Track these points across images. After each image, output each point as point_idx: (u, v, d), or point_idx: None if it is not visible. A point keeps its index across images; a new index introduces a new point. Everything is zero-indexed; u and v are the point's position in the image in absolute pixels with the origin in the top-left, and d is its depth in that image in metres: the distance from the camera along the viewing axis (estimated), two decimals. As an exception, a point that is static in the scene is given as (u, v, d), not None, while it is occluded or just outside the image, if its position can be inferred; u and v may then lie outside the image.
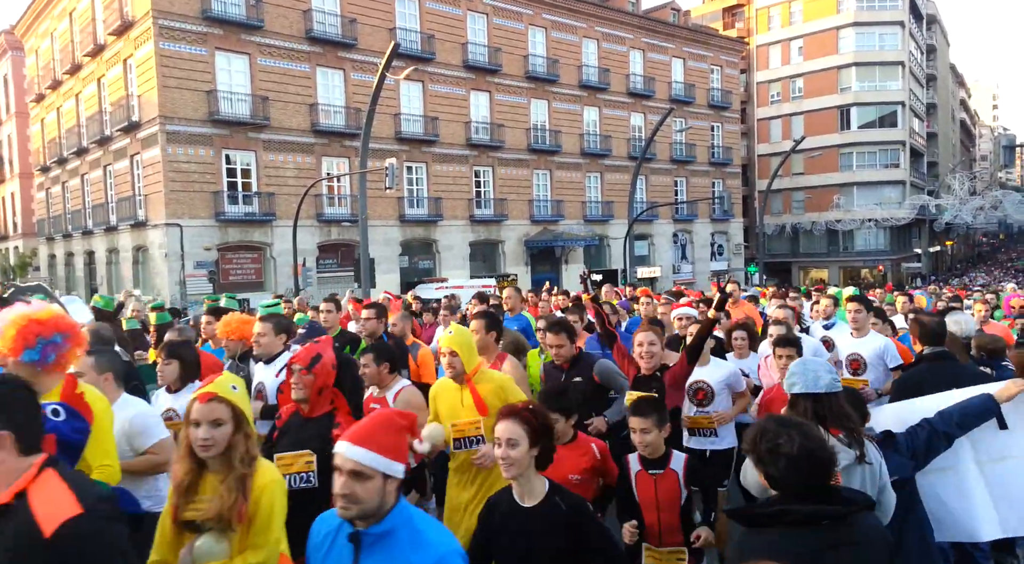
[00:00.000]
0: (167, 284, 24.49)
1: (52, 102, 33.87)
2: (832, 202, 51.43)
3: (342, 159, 28.62)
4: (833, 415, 2.91)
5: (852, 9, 50.92)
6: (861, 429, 2.96)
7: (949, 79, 77.04)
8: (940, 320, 4.33)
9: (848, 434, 2.90)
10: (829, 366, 3.09)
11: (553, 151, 35.70)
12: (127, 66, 26.63)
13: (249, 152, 26.43)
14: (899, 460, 3.19)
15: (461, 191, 32.43)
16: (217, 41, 25.48)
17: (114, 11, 26.60)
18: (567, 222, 36.12)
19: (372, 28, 29.12)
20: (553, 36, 35.81)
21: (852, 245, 52.92)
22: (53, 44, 33.00)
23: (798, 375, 3.00)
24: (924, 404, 3.58)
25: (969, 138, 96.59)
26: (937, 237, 62.08)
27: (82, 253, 32.62)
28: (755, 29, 54.90)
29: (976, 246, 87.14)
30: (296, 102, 27.29)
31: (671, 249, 42.32)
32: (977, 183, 67.34)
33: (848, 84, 51.39)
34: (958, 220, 56.95)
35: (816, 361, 3.11)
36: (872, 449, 2.93)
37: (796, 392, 2.99)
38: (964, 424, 3.36)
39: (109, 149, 28.61)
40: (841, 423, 2.91)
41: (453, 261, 31.76)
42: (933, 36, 65.31)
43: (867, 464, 2.87)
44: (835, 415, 2.91)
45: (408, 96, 30.40)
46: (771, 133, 54.19)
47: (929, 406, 3.51)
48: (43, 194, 36.85)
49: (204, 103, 25.14)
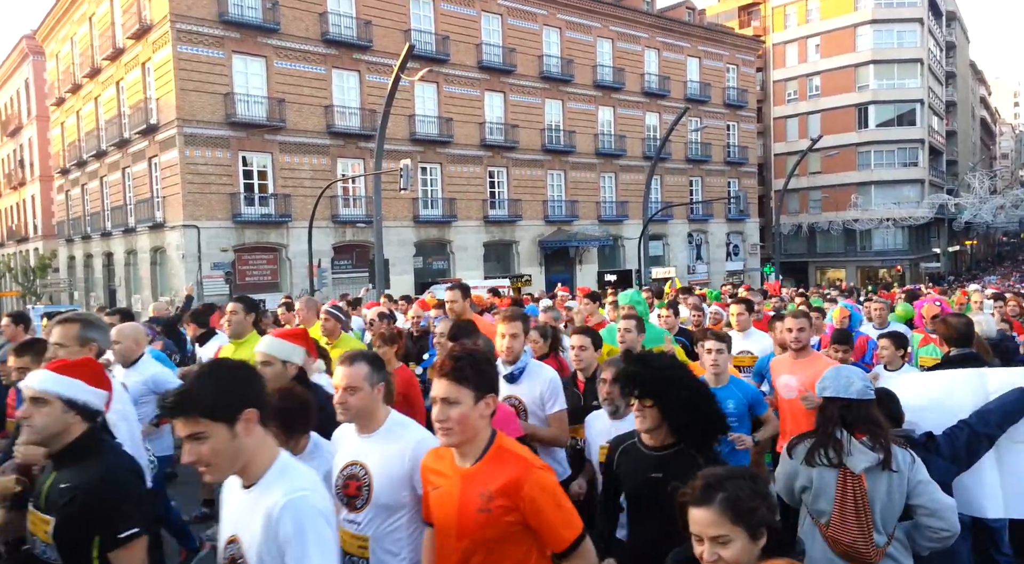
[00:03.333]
0: (184, 286, 24.72)
1: (72, 106, 34.30)
2: (850, 201, 50.95)
3: (357, 160, 28.75)
4: (861, 420, 2.92)
5: (870, 6, 50.42)
6: (887, 434, 2.92)
7: (969, 76, 76.06)
8: (967, 321, 4.29)
9: (872, 438, 2.89)
10: (863, 374, 3.07)
11: (567, 151, 35.65)
12: (145, 69, 26.91)
13: (265, 154, 26.63)
14: (943, 464, 3.16)
15: (475, 192, 32.46)
16: (234, 44, 25.69)
17: (132, 15, 26.90)
18: (581, 222, 36.05)
19: (387, 30, 29.22)
20: (567, 36, 35.76)
21: (870, 245, 52.38)
22: (73, 49, 33.41)
23: (830, 379, 3.01)
24: (950, 380, 3.59)
25: (989, 136, 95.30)
26: (957, 237, 61.33)
27: (101, 255, 33.00)
28: (771, 27, 54.51)
29: (997, 246, 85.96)
30: (312, 104, 27.44)
31: (686, 249, 42.10)
32: (998, 181, 66.34)
33: (866, 82, 50.90)
34: (978, 219, 56.18)
35: (851, 368, 3.10)
36: (902, 455, 2.90)
37: (827, 396, 2.99)
38: (1004, 423, 3.32)
39: (127, 152, 28.92)
40: (867, 428, 2.91)
41: (467, 262, 31.80)
42: (952, 33, 64.48)
43: (892, 472, 2.84)
44: (863, 420, 2.92)
45: (423, 97, 30.48)
46: (788, 132, 53.79)
47: (958, 384, 3.51)
48: (63, 196, 37.31)
49: (221, 106, 25.35)
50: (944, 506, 2.87)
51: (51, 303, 32.23)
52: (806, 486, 3.01)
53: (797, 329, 4.84)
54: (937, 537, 2.88)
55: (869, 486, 2.85)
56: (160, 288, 27.29)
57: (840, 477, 2.89)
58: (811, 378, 4.26)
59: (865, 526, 2.82)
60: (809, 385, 4.33)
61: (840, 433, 2.92)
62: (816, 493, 2.97)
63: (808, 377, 4.50)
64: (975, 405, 3.39)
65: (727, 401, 4.29)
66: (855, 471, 2.85)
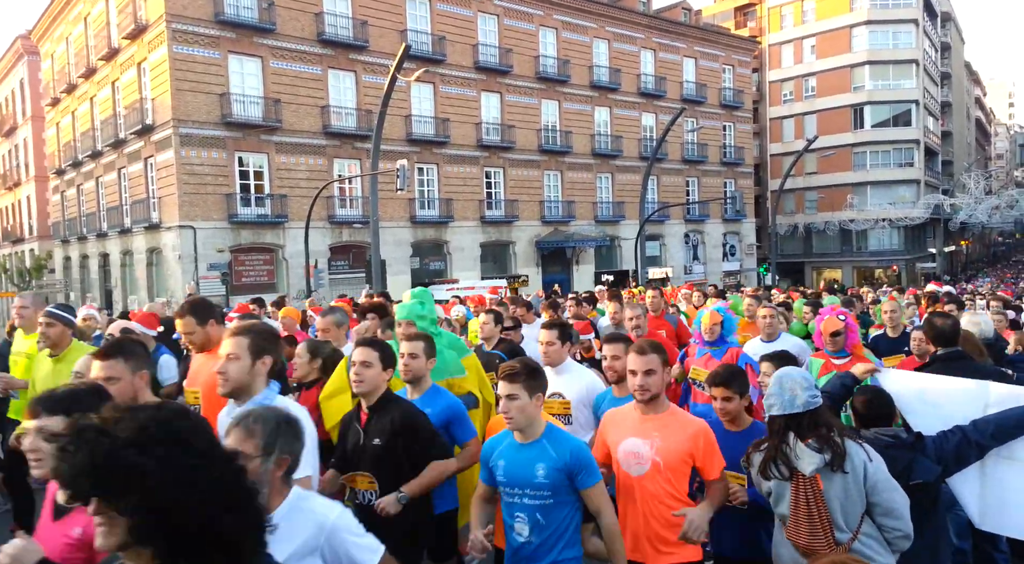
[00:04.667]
0: (180, 286, 24.67)
1: (67, 106, 34.21)
2: (845, 202, 51.04)
3: (353, 161, 28.73)
4: (808, 429, 2.91)
5: (865, 7, 50.53)
6: (840, 435, 2.91)
7: (964, 77, 76.31)
8: (953, 321, 4.30)
9: (818, 439, 2.89)
10: (807, 380, 2.99)
11: (564, 152, 35.66)
12: (141, 70, 26.86)
13: (261, 154, 26.59)
14: (927, 464, 3.16)
15: (472, 192, 32.46)
16: (230, 44, 25.65)
17: (128, 15, 26.84)
18: (578, 223, 36.07)
19: (383, 30, 29.21)
20: (564, 37, 35.79)
21: (866, 245, 52.51)
22: (68, 49, 33.32)
23: (775, 395, 2.97)
24: (952, 387, 3.56)
25: (984, 136, 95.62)
26: (952, 237, 61.49)
27: (97, 255, 32.91)
28: (767, 28, 54.60)
29: (992, 246, 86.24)
30: (308, 104, 27.42)
31: (683, 249, 42.16)
32: (993, 182, 66.63)
33: (861, 83, 51.00)
34: (973, 219, 56.35)
35: (793, 378, 2.98)
36: (856, 453, 2.88)
37: (774, 414, 2.98)
38: (999, 436, 3.30)
39: (123, 152, 28.86)
40: (814, 433, 2.90)
41: (464, 262, 31.79)
42: (948, 34, 64.71)
43: (844, 472, 2.85)
44: (809, 429, 2.91)
45: (419, 98, 30.47)
46: (783, 132, 53.88)
47: (958, 392, 3.49)
48: (58, 197, 37.21)
49: (217, 106, 25.30)
50: (900, 506, 2.87)
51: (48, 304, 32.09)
52: (768, 492, 3.08)
53: (643, 373, 3.16)
54: (891, 537, 2.90)
55: (825, 486, 2.87)
56: (156, 289, 27.22)
57: (794, 481, 2.93)
58: (673, 447, 3.11)
59: (820, 527, 2.85)
60: (673, 457, 3.10)
61: (787, 443, 2.93)
62: (776, 498, 3.03)
63: (669, 445, 3.13)
64: (972, 414, 3.39)
65: (536, 464, 2.98)
66: (806, 473, 2.87)
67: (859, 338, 5.10)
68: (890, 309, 6.79)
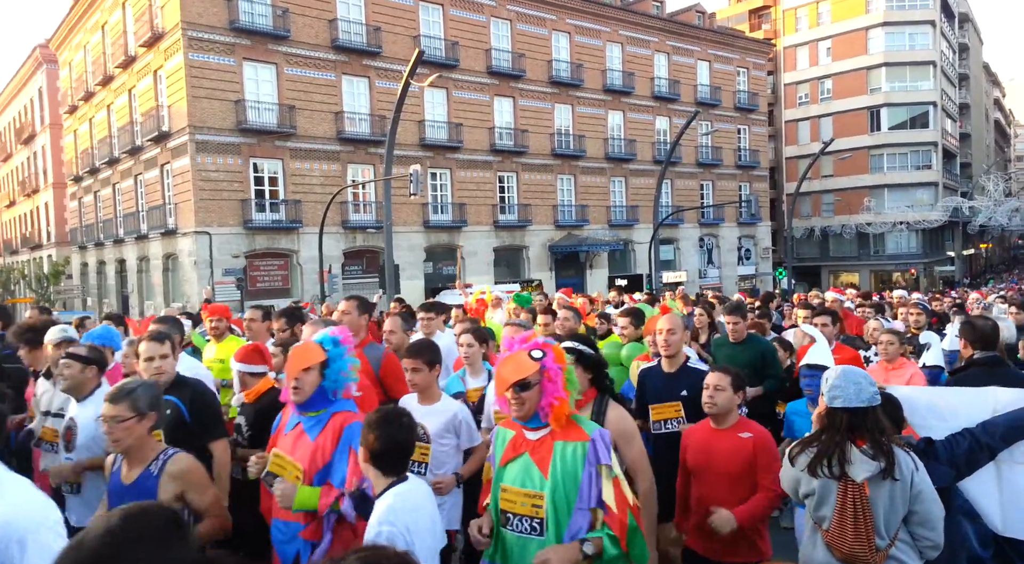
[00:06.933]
0: (196, 292, 24.81)
1: (85, 113, 34.59)
2: (862, 204, 50.56)
3: (367, 166, 28.80)
4: (867, 428, 2.87)
5: (882, 9, 50.14)
6: (890, 441, 2.87)
7: (982, 78, 75.43)
8: (993, 324, 4.15)
9: (874, 445, 2.84)
10: (870, 377, 2.99)
11: (577, 156, 35.57)
12: (157, 77, 27.09)
13: (276, 160, 26.71)
14: (941, 469, 3.13)
15: (485, 197, 32.44)
16: (245, 51, 25.82)
17: (145, 23, 27.10)
18: (592, 227, 35.94)
19: (396, 36, 29.30)
20: (577, 41, 35.73)
21: (883, 248, 51.95)
22: (86, 57, 33.70)
23: (840, 388, 2.92)
24: (960, 397, 3.50)
25: (1004, 138, 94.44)
26: (971, 240, 60.75)
27: (113, 261, 33.20)
28: (782, 30, 54.29)
29: (1012, 249, 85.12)
30: (322, 110, 27.53)
31: (697, 253, 41.89)
32: (1012, 184, 65.74)
33: (878, 85, 50.57)
34: (992, 222, 55.63)
35: (856, 371, 2.99)
36: (905, 461, 2.85)
37: (836, 407, 2.91)
38: (1009, 438, 3.28)
39: (140, 159, 29.11)
40: (871, 435, 2.86)
41: (477, 267, 31.75)
42: (965, 35, 63.99)
43: (894, 480, 2.81)
44: (869, 428, 2.87)
45: (432, 103, 30.52)
46: (799, 135, 53.50)
47: (967, 402, 3.43)
48: (76, 203, 37.60)
49: (232, 113, 25.46)
50: (936, 518, 2.85)
51: (64, 310, 32.45)
52: (809, 493, 3.00)
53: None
54: (922, 546, 2.88)
55: (872, 493, 2.83)
56: (172, 294, 27.41)
57: (841, 485, 2.87)
58: None
59: (864, 534, 2.82)
60: None
61: (844, 442, 2.88)
62: (819, 500, 2.96)
63: None
64: (980, 418, 3.35)
65: None
66: (856, 480, 2.82)
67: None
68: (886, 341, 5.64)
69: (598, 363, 3.44)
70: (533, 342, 2.82)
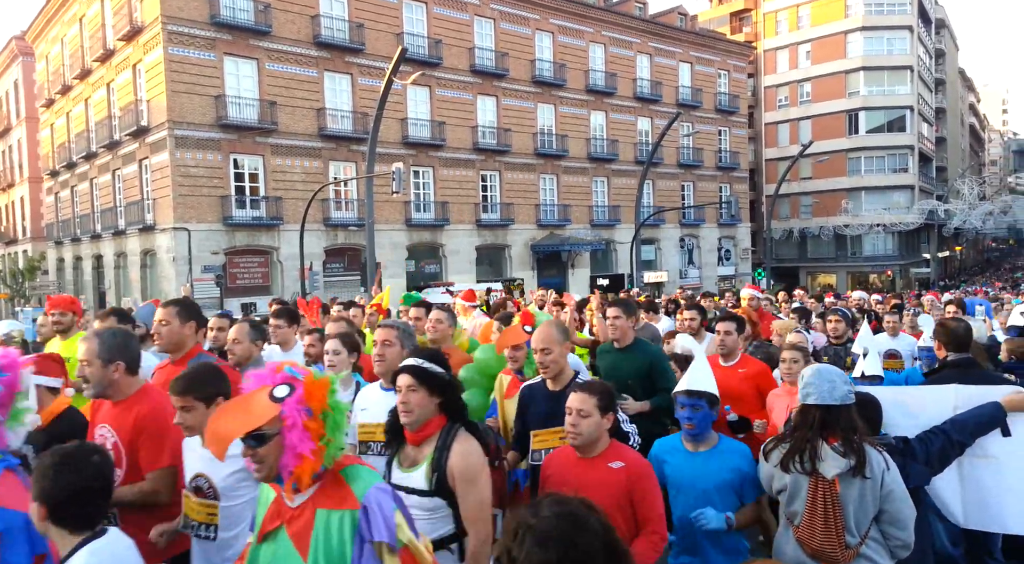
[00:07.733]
0: (174, 288, 24.57)
1: (62, 107, 34.09)
2: (840, 207, 51.21)
3: (349, 163, 28.68)
4: (840, 426, 2.89)
5: (860, 13, 50.79)
6: (861, 440, 2.90)
7: (958, 83, 76.69)
8: (967, 325, 4.22)
9: (845, 443, 2.87)
10: (844, 375, 3.02)
11: (560, 155, 35.68)
12: (136, 71, 26.77)
13: (257, 156, 26.52)
14: (919, 468, 3.18)
15: (468, 195, 32.44)
16: (225, 46, 25.60)
17: (123, 16, 26.76)
18: (574, 227, 36.07)
19: (379, 33, 29.20)
20: (560, 41, 35.84)
21: (860, 250, 52.65)
22: (63, 49, 33.21)
23: (813, 386, 2.95)
24: (924, 395, 3.61)
25: (979, 143, 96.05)
26: (946, 242, 61.70)
27: (90, 257, 32.77)
28: (763, 33, 54.81)
29: (985, 252, 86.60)
30: (304, 107, 27.37)
31: (678, 254, 42.20)
32: (986, 188, 66.88)
33: (856, 88, 51.23)
34: (967, 225, 56.61)
35: (831, 369, 3.03)
36: (876, 460, 2.88)
37: (809, 403, 2.95)
38: (976, 433, 3.38)
39: (118, 154, 28.75)
40: (844, 433, 2.89)
41: (459, 265, 31.74)
42: (942, 40, 65.04)
43: (864, 478, 2.84)
44: (842, 426, 2.89)
45: (415, 101, 30.45)
46: (779, 137, 54.06)
47: (931, 399, 3.53)
48: (52, 198, 37.05)
49: (212, 108, 25.24)
50: (907, 518, 2.89)
51: (40, 306, 31.96)
52: (782, 488, 3.05)
53: None
54: (892, 545, 2.91)
55: (842, 490, 2.86)
56: (150, 291, 27.10)
57: (812, 482, 2.91)
58: None
59: (833, 530, 2.85)
60: None
61: (816, 438, 2.91)
62: (791, 496, 3.00)
63: None
64: (944, 417, 3.44)
65: None
66: (827, 477, 2.86)
67: None
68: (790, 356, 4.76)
69: (448, 385, 2.82)
70: (283, 374, 2.05)
